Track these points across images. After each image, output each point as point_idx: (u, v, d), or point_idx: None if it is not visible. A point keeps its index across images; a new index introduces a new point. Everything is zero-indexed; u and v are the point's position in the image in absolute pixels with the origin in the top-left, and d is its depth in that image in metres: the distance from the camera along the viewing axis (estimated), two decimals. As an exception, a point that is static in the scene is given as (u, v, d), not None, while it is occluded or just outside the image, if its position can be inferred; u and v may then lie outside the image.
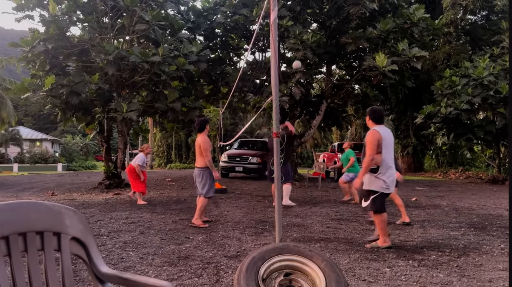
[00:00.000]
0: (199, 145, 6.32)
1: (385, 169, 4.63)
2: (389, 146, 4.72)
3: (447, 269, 4.01)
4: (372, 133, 4.66)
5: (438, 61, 19.93)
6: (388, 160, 4.66)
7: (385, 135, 4.66)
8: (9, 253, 1.50)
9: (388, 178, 4.65)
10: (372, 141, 4.59)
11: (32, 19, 11.36)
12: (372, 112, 4.81)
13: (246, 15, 13.06)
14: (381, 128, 4.72)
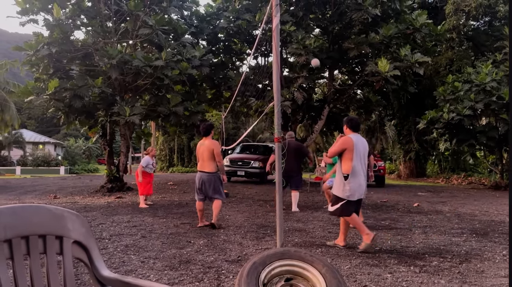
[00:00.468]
0: (211, 149, 6.24)
1: (354, 177, 4.87)
2: (361, 153, 4.96)
3: (448, 275, 4.00)
4: (345, 139, 4.96)
5: (440, 67, 19.92)
6: (358, 168, 4.89)
7: (357, 143, 4.91)
8: (12, 256, 1.51)
9: (355, 185, 4.87)
10: (342, 145, 4.92)
11: (37, 23, 11.44)
12: (349, 121, 5.12)
13: (249, 20, 13.12)
14: (356, 136, 4.99)
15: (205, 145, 6.30)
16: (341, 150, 4.93)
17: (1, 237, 1.48)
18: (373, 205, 10.04)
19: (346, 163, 4.90)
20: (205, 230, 6.27)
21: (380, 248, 5.19)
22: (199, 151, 6.40)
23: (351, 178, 4.85)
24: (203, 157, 6.32)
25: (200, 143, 6.45)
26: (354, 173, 4.85)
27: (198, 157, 6.46)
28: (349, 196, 4.87)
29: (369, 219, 7.68)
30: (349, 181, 4.85)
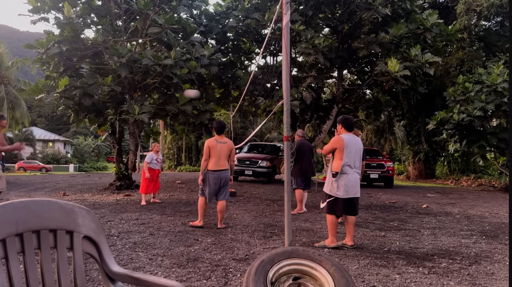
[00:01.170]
0: (231, 148, 6.23)
1: (342, 175, 4.95)
2: (353, 152, 5.01)
3: (458, 277, 3.96)
4: (337, 138, 5.07)
5: (451, 67, 19.74)
6: (347, 167, 4.96)
7: (349, 142, 4.98)
8: (23, 250, 1.52)
9: (344, 183, 4.93)
10: (333, 144, 5.05)
11: (48, 22, 11.53)
12: (345, 120, 5.22)
13: (258, 19, 13.10)
14: (349, 136, 5.07)
15: (226, 144, 6.19)
16: (332, 149, 5.07)
17: (13, 231, 1.49)
18: (382, 205, 9.98)
19: (336, 161, 5.02)
20: (212, 228, 6.28)
21: (388, 249, 5.16)
22: (215, 148, 6.10)
23: (339, 176, 4.94)
24: (220, 155, 6.12)
25: (215, 140, 6.15)
26: (342, 171, 4.94)
27: (214, 154, 6.13)
28: (337, 193, 4.95)
29: (377, 219, 7.64)
30: (337, 178, 4.95)
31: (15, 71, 31.54)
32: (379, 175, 15.60)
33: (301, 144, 8.30)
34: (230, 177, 6.43)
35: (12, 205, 1.54)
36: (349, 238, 5.17)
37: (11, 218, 1.51)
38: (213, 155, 6.11)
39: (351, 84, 16.85)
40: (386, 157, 18.03)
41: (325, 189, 5.12)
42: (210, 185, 6.12)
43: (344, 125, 5.16)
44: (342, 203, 4.98)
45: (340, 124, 5.20)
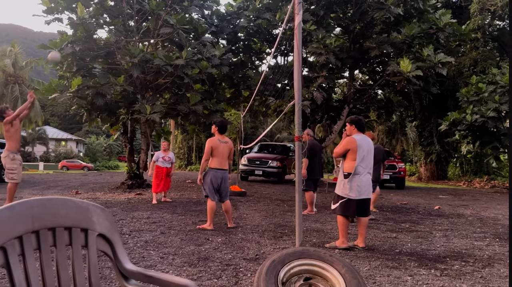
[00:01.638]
0: (231, 148, 6.24)
1: (354, 176, 4.92)
2: (365, 153, 4.99)
3: (470, 279, 3.92)
4: (350, 139, 5.03)
5: (464, 68, 19.52)
6: (360, 168, 4.94)
7: (361, 143, 4.97)
8: (39, 247, 1.55)
9: (356, 184, 4.91)
10: (346, 146, 5.01)
11: (61, 22, 11.67)
12: (358, 121, 5.19)
13: (269, 20, 13.11)
14: (361, 137, 5.06)
15: (227, 143, 6.18)
16: (345, 151, 5.02)
17: (29, 228, 1.52)
18: (393, 207, 9.92)
19: (348, 162, 5.00)
20: (223, 228, 6.30)
21: (400, 250, 5.12)
22: (218, 148, 6.06)
23: (352, 177, 4.92)
24: (223, 154, 6.10)
25: (218, 140, 6.11)
26: (355, 172, 4.92)
27: (217, 154, 6.07)
28: (349, 194, 4.92)
29: (388, 221, 7.59)
30: (349, 179, 4.93)
31: (29, 71, 32.07)
32: (390, 176, 15.49)
33: (312, 144, 8.21)
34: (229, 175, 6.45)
35: (28, 202, 1.57)
36: (361, 239, 5.14)
37: (28, 215, 1.53)
38: (216, 155, 6.07)
39: (362, 84, 16.76)
40: (397, 158, 17.89)
41: (336, 190, 5.09)
42: (212, 183, 6.04)
43: (357, 126, 5.13)
44: (354, 204, 4.95)
45: (353, 125, 5.15)
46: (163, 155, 9.25)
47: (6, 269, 1.44)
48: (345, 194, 4.95)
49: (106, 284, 3.44)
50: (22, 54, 32.00)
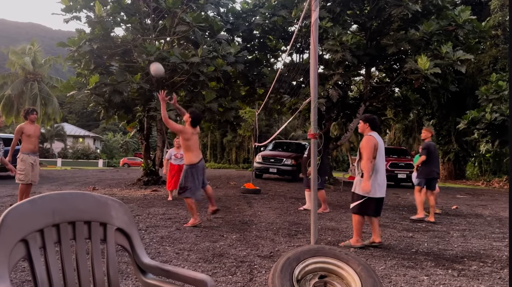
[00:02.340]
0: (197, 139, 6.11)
1: (375, 175, 4.91)
2: (381, 152, 5.00)
3: (489, 280, 3.85)
4: (370, 138, 4.96)
5: (483, 65, 19.14)
6: (379, 165, 4.95)
7: (379, 141, 4.99)
8: (59, 240, 1.58)
9: (376, 182, 4.90)
10: (370, 146, 4.90)
11: (79, 20, 11.86)
12: (373, 120, 5.14)
13: (285, 17, 13.06)
14: (376, 135, 5.04)
15: (197, 134, 6.08)
16: (374, 150, 4.88)
17: (49, 221, 1.55)
18: (410, 206, 9.80)
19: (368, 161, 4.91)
20: (237, 225, 6.32)
21: (416, 250, 5.07)
22: (191, 140, 5.91)
23: (373, 175, 4.88)
24: (196, 146, 6.02)
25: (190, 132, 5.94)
26: (375, 171, 4.89)
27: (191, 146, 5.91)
28: (370, 193, 4.87)
29: (405, 220, 7.51)
30: (372, 178, 4.88)
31: (47, 68, 32.63)
32: (407, 175, 15.31)
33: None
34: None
35: (49, 196, 1.60)
36: (376, 235, 5.12)
37: (49, 209, 1.56)
38: (191, 147, 5.91)
39: (379, 82, 16.59)
40: (414, 157, 17.65)
41: (355, 189, 5.02)
42: (198, 178, 5.92)
43: (370, 125, 5.09)
44: (374, 203, 4.94)
45: (367, 123, 5.10)
46: (175, 152, 9.25)
47: (28, 261, 1.47)
48: (365, 193, 4.89)
49: (123, 279, 3.49)
50: (41, 52, 32.56)
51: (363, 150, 4.94)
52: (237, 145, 40.80)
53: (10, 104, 30.01)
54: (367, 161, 4.85)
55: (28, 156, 6.66)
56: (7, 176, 13.80)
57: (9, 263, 1.39)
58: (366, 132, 5.10)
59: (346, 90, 15.24)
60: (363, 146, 4.96)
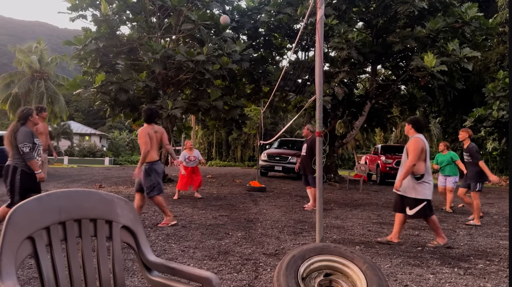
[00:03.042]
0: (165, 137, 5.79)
1: (429, 176, 4.95)
2: (428, 153, 5.01)
3: (495, 279, 3.83)
4: (417, 140, 4.93)
5: (490, 62, 18.98)
6: (429, 167, 4.99)
7: (426, 143, 4.98)
8: (66, 237, 1.59)
9: (431, 185, 4.95)
10: (418, 148, 4.87)
11: (85, 19, 11.90)
12: (416, 122, 5.16)
13: (290, 14, 13.02)
14: (422, 137, 5.03)
15: (157, 133, 5.68)
16: (421, 152, 4.88)
17: (56, 219, 1.56)
18: (415, 204, 9.75)
19: (419, 164, 4.91)
20: (242, 223, 6.33)
21: (422, 248, 5.04)
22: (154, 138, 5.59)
23: (427, 177, 4.91)
24: (155, 144, 5.65)
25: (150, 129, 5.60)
26: (428, 173, 4.94)
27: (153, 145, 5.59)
28: (428, 195, 4.90)
29: (411, 218, 7.46)
30: (424, 180, 4.91)
31: (54, 67, 32.79)
32: (413, 173, 15.23)
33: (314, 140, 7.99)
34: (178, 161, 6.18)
35: (55, 194, 1.62)
36: (440, 236, 5.11)
37: (55, 206, 1.58)
38: (153, 146, 5.59)
39: (385, 79, 16.52)
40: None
41: (412, 194, 4.92)
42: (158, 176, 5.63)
43: (414, 126, 5.11)
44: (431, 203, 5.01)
45: (410, 125, 5.13)
46: (188, 154, 9.23)
47: (34, 258, 1.48)
48: (424, 196, 4.88)
49: (129, 276, 3.51)
50: (47, 51, 32.73)
51: (410, 151, 4.92)
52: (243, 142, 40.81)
53: (17, 102, 30.20)
54: (411, 162, 4.84)
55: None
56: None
57: (16, 260, 1.40)
58: (411, 134, 5.11)
59: (351, 88, 15.18)
60: (410, 147, 4.94)
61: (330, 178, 14.87)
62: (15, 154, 4.61)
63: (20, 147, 4.52)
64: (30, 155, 4.55)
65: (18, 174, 4.60)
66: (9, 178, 4.61)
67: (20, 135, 4.53)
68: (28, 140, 4.56)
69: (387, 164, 15.46)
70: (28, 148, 4.53)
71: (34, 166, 4.62)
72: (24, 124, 4.67)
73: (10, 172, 4.60)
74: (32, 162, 4.58)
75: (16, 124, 4.67)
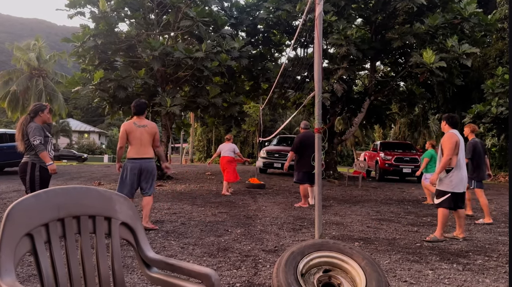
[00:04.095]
0: (153, 132, 5.33)
1: (457, 170, 5.10)
2: (463, 148, 5.21)
3: (494, 274, 3.84)
4: (452, 135, 5.14)
5: (489, 59, 18.97)
6: (461, 162, 5.14)
7: (460, 138, 5.17)
8: (64, 234, 1.59)
9: (458, 178, 5.08)
10: (452, 143, 5.07)
11: (83, 16, 11.85)
12: (450, 118, 5.32)
13: (289, 11, 12.99)
14: (457, 132, 5.22)
15: (146, 127, 5.30)
16: (455, 146, 5.06)
17: (54, 216, 1.56)
18: (415, 200, 9.78)
19: (452, 157, 5.10)
20: (242, 220, 6.33)
21: (421, 244, 5.06)
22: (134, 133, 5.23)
23: (455, 171, 5.08)
24: (141, 140, 5.25)
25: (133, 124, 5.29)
26: (458, 167, 5.09)
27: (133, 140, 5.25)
28: (454, 188, 5.07)
29: (410, 214, 7.49)
30: (452, 173, 5.08)
31: (52, 64, 32.68)
32: (412, 169, 15.26)
33: (303, 137, 7.89)
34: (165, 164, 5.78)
35: (54, 191, 1.61)
36: (461, 230, 5.36)
37: (53, 203, 1.57)
38: (132, 141, 5.26)
39: (384, 76, 16.48)
40: (419, 151, 17.59)
41: (440, 186, 5.18)
42: (128, 176, 5.22)
43: (450, 123, 5.27)
44: (457, 197, 5.13)
45: (444, 121, 5.33)
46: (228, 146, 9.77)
47: (33, 255, 1.48)
48: (450, 188, 5.08)
49: (128, 273, 3.51)
50: (46, 48, 32.61)
51: (445, 146, 5.13)
52: (242, 140, 40.78)
53: (16, 100, 30.12)
54: (447, 157, 5.04)
55: None
56: (13, 171, 13.92)
57: (15, 257, 1.40)
58: (445, 130, 5.30)
59: (350, 84, 15.16)
60: (444, 142, 5.15)
61: (329, 174, 14.88)
62: (29, 150, 4.64)
63: (31, 140, 4.54)
64: (41, 147, 4.55)
65: (37, 170, 4.62)
66: (29, 174, 4.62)
67: (30, 130, 4.56)
68: (38, 134, 4.57)
69: (386, 161, 15.47)
70: (38, 141, 4.53)
71: (46, 157, 4.62)
72: (34, 118, 4.70)
73: (29, 168, 4.62)
74: (43, 153, 4.58)
75: (26, 117, 4.70)
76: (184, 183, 12.00)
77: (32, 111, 4.73)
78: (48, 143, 4.71)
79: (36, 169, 4.61)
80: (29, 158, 4.63)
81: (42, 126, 4.71)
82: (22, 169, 4.64)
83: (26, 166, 4.62)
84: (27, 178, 4.60)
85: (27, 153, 4.65)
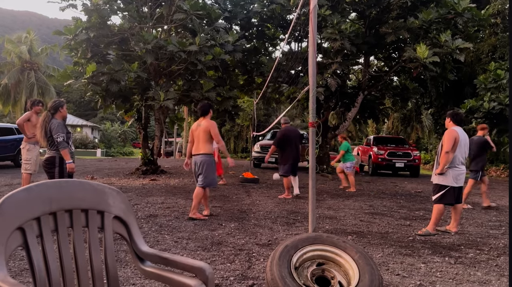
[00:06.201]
0: (207, 130, 5.70)
1: (454, 165, 5.20)
2: (462, 145, 5.27)
3: (485, 267, 3.88)
4: (451, 131, 5.23)
5: (482, 54, 19.06)
6: (458, 158, 5.22)
7: (461, 136, 5.25)
8: (57, 228, 1.57)
9: (454, 173, 5.18)
10: (450, 139, 5.16)
11: (76, 8, 11.68)
12: (455, 115, 5.44)
13: (283, 5, 12.93)
14: (460, 129, 5.31)
15: (201, 126, 5.77)
16: (454, 143, 5.14)
17: (46, 209, 1.54)
18: (407, 195, 9.84)
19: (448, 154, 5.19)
20: (235, 214, 6.34)
21: (413, 238, 5.10)
22: (195, 132, 5.82)
23: (452, 167, 5.18)
24: (199, 138, 5.77)
25: (196, 124, 5.89)
26: (454, 162, 5.18)
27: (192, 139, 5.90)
28: (451, 182, 5.17)
29: (402, 208, 7.54)
30: (451, 169, 5.17)
31: (44, 57, 32.35)
32: (405, 163, 15.35)
33: (285, 131, 8.42)
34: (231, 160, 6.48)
35: (45, 184, 1.60)
36: (455, 224, 5.47)
37: (45, 197, 1.56)
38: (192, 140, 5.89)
39: (377, 70, 16.50)
40: (412, 146, 17.69)
41: (437, 181, 5.29)
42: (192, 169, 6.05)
43: (452, 119, 5.38)
44: (454, 191, 5.20)
45: (449, 117, 5.43)
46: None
47: (25, 249, 1.47)
48: (447, 183, 5.17)
49: (121, 267, 3.50)
50: (37, 41, 32.25)
51: (444, 142, 5.24)
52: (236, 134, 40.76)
53: (7, 93, 29.82)
54: (443, 152, 5.16)
55: (34, 146, 6.66)
56: (5, 165, 13.80)
57: (6, 251, 1.38)
58: (449, 126, 5.39)
59: (344, 79, 15.17)
60: (444, 138, 5.27)
61: (323, 169, 14.92)
62: (53, 145, 4.91)
63: (54, 137, 4.81)
64: (64, 144, 4.84)
65: (65, 163, 4.96)
66: (58, 167, 4.94)
67: (54, 126, 4.81)
68: (61, 131, 4.84)
69: (379, 155, 15.54)
70: (61, 138, 4.82)
71: (66, 155, 4.91)
72: (54, 114, 4.94)
73: (57, 162, 4.94)
74: (65, 151, 4.86)
75: (47, 114, 4.96)
76: (177, 177, 11.97)
77: (52, 107, 5.00)
78: (70, 139, 5.04)
79: (64, 162, 4.95)
80: (56, 153, 4.94)
81: (63, 122, 4.99)
82: (50, 162, 4.94)
83: (54, 159, 4.93)
84: (56, 170, 4.90)
85: (52, 148, 4.95)
